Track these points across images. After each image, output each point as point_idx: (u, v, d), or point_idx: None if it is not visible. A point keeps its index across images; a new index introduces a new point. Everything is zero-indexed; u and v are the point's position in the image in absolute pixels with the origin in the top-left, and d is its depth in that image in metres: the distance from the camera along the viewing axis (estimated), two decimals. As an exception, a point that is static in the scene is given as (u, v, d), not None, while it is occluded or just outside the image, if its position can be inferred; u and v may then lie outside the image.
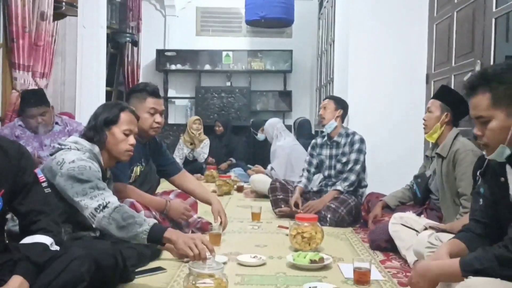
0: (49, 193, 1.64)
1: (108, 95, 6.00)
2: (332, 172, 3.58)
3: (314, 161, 3.69)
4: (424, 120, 2.75)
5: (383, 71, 4.11)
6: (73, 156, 1.97)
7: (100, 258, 1.65)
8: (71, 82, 4.70)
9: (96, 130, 2.10)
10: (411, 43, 4.08)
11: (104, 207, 1.83)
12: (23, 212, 1.56)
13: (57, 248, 1.55)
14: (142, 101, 2.67)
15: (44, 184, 1.63)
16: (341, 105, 3.60)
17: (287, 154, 4.45)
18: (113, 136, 2.12)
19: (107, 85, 5.46)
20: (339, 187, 3.38)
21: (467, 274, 1.39)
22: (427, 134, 2.74)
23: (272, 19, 6.37)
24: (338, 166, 3.53)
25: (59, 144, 2.07)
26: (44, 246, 1.51)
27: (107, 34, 5.49)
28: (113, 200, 1.88)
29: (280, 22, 6.66)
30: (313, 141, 3.77)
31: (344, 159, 3.49)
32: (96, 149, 2.08)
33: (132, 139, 2.16)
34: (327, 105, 3.58)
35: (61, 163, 1.94)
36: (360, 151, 3.45)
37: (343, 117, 3.60)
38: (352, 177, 3.40)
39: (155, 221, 1.89)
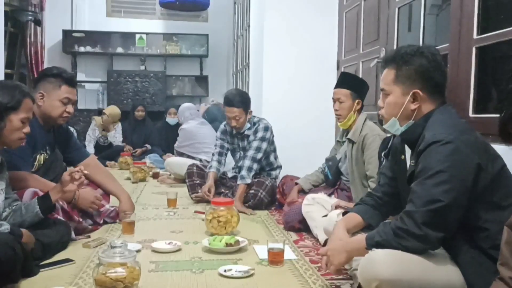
0: None
1: (9, 78, 5.54)
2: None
3: (226, 145, 3.60)
4: (336, 110, 2.77)
5: (296, 57, 4.20)
6: None
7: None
8: (-37, 63, 4.26)
9: None
10: (323, 30, 4.21)
11: None
12: None
13: None
14: (56, 88, 2.51)
15: None
16: (248, 105, 3.43)
17: (191, 136, 4.82)
18: (10, 123, 1.94)
19: (7, 67, 5.05)
20: (248, 180, 3.30)
21: (370, 247, 1.49)
22: (341, 123, 2.80)
23: (187, 2, 6.26)
24: None
25: None
26: None
27: (6, 12, 5.05)
28: None
29: (195, 6, 6.57)
30: (223, 127, 3.61)
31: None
32: None
33: (28, 128, 2.01)
34: (238, 115, 3.35)
35: None
36: (263, 139, 3.40)
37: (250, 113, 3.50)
38: (255, 166, 3.35)
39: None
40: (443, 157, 1.41)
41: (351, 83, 2.79)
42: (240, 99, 3.36)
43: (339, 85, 2.81)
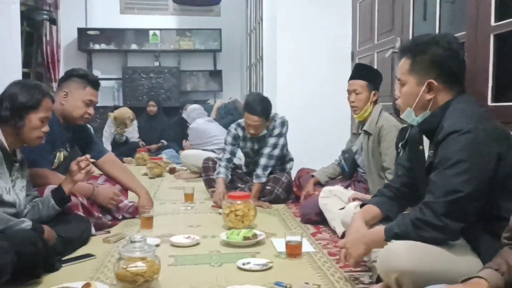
0: None
1: (26, 76, 5.62)
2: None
3: (235, 151, 3.45)
4: (353, 102, 2.74)
5: (310, 49, 4.18)
6: None
7: (20, 247, 1.56)
8: (-18, 63, 4.33)
9: (13, 113, 1.94)
10: (337, 21, 4.17)
11: None
12: None
13: None
14: (80, 88, 2.56)
15: None
16: (269, 114, 3.25)
17: (200, 133, 5.08)
18: (29, 122, 1.98)
19: (24, 66, 5.11)
20: (263, 179, 3.23)
21: (389, 239, 1.48)
22: (357, 115, 2.77)
23: (199, -3, 6.26)
24: None
25: None
26: None
27: (21, 11, 5.09)
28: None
29: (208, 0, 6.57)
30: (234, 131, 3.40)
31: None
32: None
33: (46, 127, 2.05)
34: (259, 124, 3.18)
35: None
36: (280, 135, 3.28)
37: None
38: (271, 163, 3.26)
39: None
40: (463, 146, 1.39)
41: (366, 74, 2.77)
42: (263, 108, 3.16)
43: (354, 76, 2.79)
